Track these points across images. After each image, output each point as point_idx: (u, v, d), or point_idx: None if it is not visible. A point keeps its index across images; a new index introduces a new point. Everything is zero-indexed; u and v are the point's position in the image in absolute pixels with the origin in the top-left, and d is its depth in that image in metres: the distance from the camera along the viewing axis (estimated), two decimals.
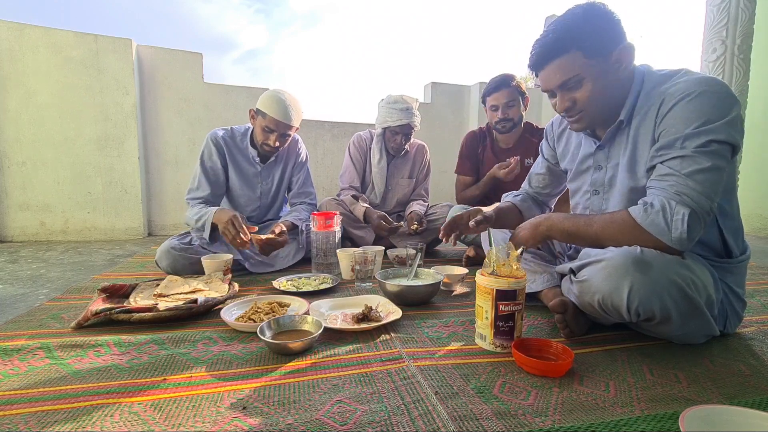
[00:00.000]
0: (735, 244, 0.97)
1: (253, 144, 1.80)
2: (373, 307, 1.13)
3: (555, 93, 0.99)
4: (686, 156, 0.84)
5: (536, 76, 1.02)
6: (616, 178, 1.03)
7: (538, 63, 0.97)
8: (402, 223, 2.02)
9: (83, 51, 2.59)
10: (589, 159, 1.10)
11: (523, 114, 1.97)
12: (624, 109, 0.97)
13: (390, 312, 1.15)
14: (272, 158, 1.85)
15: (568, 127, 1.15)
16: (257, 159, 1.81)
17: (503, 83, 1.90)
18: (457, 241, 1.97)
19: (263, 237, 1.59)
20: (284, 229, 1.68)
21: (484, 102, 1.99)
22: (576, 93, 0.95)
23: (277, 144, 1.72)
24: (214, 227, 1.59)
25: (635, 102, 0.96)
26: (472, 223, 1.16)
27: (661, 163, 0.88)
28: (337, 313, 1.16)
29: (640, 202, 0.89)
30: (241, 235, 1.49)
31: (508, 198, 1.39)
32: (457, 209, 1.94)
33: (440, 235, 1.22)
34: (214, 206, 1.68)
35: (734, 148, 0.85)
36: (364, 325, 1.05)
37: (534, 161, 1.85)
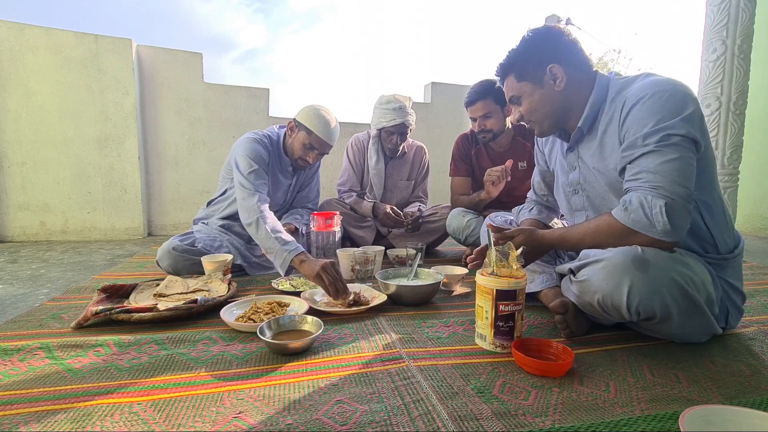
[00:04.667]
0: (724, 237, 0.98)
1: (286, 152, 1.79)
2: (360, 293, 1.25)
3: None
4: (650, 152, 0.87)
5: None
6: (588, 177, 1.09)
7: (499, 79, 1.16)
8: (410, 219, 2.02)
9: (83, 51, 2.59)
10: (565, 161, 1.16)
11: (507, 120, 1.88)
12: (582, 117, 1.04)
13: (374, 296, 1.28)
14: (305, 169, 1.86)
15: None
16: (290, 169, 1.82)
17: (479, 95, 1.81)
18: (458, 242, 2.00)
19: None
20: (295, 230, 1.68)
21: (467, 110, 1.89)
22: (520, 107, 1.10)
23: (314, 161, 1.75)
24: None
25: (599, 108, 1.03)
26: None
27: (629, 163, 0.92)
28: (328, 300, 1.26)
29: (620, 202, 0.92)
30: (338, 285, 1.27)
31: (524, 215, 1.39)
32: (457, 213, 1.94)
33: (470, 263, 1.13)
34: (277, 218, 1.56)
35: (696, 143, 0.88)
36: (354, 309, 1.18)
37: (527, 164, 1.92)
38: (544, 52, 1.04)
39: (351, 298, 1.24)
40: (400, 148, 2.13)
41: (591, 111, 1.03)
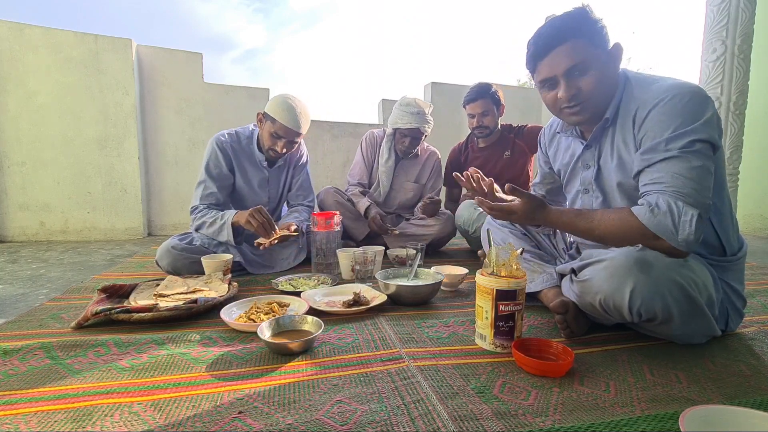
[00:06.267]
0: (730, 240, 0.98)
1: (259, 148, 1.78)
2: (360, 293, 1.25)
3: (557, 82, 0.97)
4: (673, 157, 0.85)
5: (532, 71, 1.02)
6: (602, 175, 1.05)
7: (544, 48, 0.95)
8: (396, 230, 2.05)
9: (83, 51, 2.59)
10: (578, 160, 1.12)
11: (499, 120, 2.14)
12: (610, 108, 0.98)
13: (374, 296, 1.27)
14: (280, 162, 1.84)
15: (558, 128, 1.17)
16: (264, 163, 1.80)
17: (479, 94, 2.04)
18: (465, 234, 2.06)
19: (276, 238, 1.57)
20: (297, 228, 1.68)
21: (465, 107, 2.13)
22: (581, 80, 0.94)
23: (284, 151, 1.71)
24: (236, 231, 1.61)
25: (619, 102, 0.98)
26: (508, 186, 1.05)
27: (648, 166, 0.89)
28: (328, 300, 1.27)
29: (643, 202, 0.88)
30: (265, 226, 1.54)
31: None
32: (469, 204, 2.05)
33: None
34: (226, 210, 1.67)
35: (714, 147, 0.87)
36: (354, 309, 1.18)
37: (511, 153, 2.11)
38: (606, 28, 0.95)
39: (351, 298, 1.24)
40: (412, 151, 2.19)
41: (615, 103, 0.98)
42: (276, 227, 1.58)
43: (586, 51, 0.92)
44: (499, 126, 2.17)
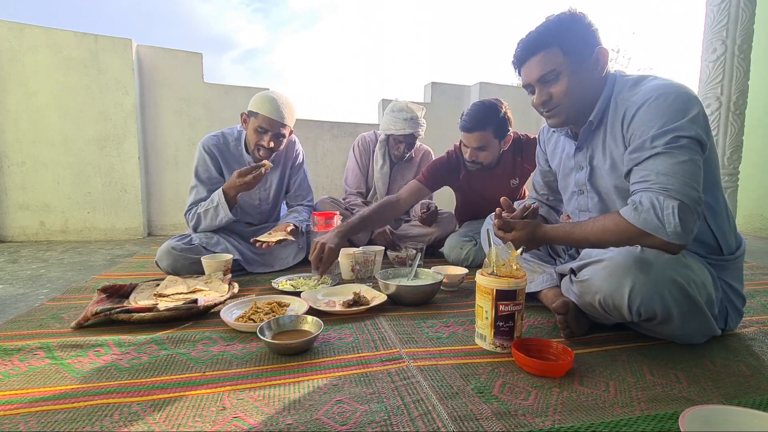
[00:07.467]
0: (727, 239, 0.98)
1: (248, 150, 1.77)
2: (360, 293, 1.25)
3: (534, 88, 1.04)
4: (659, 153, 0.86)
5: (519, 74, 1.07)
6: (595, 177, 1.07)
7: (520, 58, 1.04)
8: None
9: (83, 51, 2.59)
10: (571, 160, 1.14)
11: (501, 150, 1.69)
12: (594, 111, 1.01)
13: (374, 296, 1.27)
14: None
15: (547, 123, 1.18)
16: (253, 165, 1.78)
17: (477, 125, 1.57)
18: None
19: (275, 240, 1.59)
20: (295, 228, 1.68)
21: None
22: (552, 87, 1.00)
23: (272, 145, 1.66)
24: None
25: (607, 105, 1.00)
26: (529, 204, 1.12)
27: (636, 165, 0.90)
28: (328, 300, 1.27)
29: (629, 202, 0.90)
30: (254, 174, 1.56)
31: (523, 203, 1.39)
32: (455, 244, 1.85)
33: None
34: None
35: (701, 144, 0.87)
36: (354, 309, 1.18)
37: (519, 181, 1.81)
38: (593, 32, 0.98)
39: (351, 298, 1.24)
40: (406, 156, 2.16)
41: (602, 106, 1.00)
42: (260, 166, 1.60)
43: (558, 59, 0.98)
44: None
